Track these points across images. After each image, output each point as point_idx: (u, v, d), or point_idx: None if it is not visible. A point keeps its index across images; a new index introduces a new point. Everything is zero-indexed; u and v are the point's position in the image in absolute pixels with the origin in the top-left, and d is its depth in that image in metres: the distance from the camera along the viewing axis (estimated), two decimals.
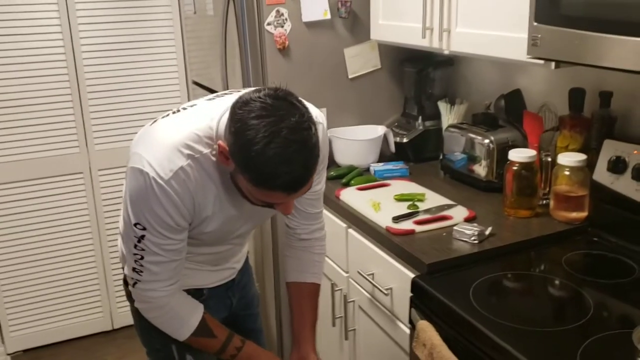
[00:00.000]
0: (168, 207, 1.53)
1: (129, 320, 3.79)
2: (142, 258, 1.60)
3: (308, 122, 1.41)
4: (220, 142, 1.47)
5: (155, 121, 1.64)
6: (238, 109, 1.40)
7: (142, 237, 1.56)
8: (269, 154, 1.36)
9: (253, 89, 1.48)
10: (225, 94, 1.68)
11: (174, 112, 1.64)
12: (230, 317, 2.02)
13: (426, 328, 1.73)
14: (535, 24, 1.75)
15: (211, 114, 1.55)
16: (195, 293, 1.85)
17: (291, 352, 1.97)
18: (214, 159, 1.55)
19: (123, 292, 3.72)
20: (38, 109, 3.42)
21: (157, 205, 1.52)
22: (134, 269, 1.63)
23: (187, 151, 1.52)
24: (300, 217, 1.89)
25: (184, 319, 1.74)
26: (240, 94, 1.60)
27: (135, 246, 1.58)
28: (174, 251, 1.62)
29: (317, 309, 2.00)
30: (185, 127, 1.55)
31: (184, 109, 1.64)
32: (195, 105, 1.65)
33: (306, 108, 1.44)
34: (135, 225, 1.56)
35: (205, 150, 1.54)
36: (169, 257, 1.62)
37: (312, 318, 1.98)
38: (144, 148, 1.54)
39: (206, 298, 1.89)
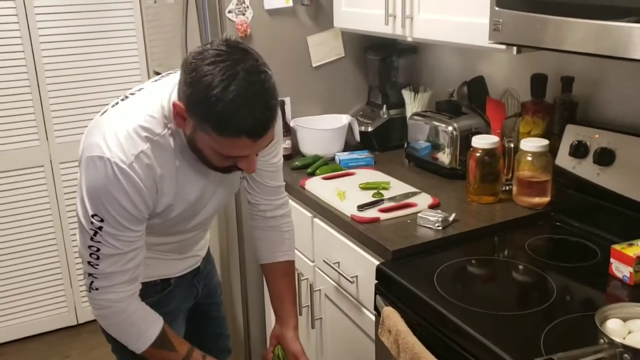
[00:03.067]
0: (131, 194, 1.49)
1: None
2: (98, 250, 1.54)
3: (263, 66, 1.41)
4: (174, 101, 1.45)
5: (105, 111, 1.61)
6: (191, 59, 1.39)
7: (100, 228, 1.51)
8: (229, 96, 1.34)
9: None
10: (170, 73, 1.66)
11: (122, 100, 1.61)
12: (195, 306, 2.02)
13: (391, 314, 1.73)
14: (496, 8, 1.74)
15: (161, 93, 1.54)
16: (163, 283, 1.85)
17: (273, 328, 1.99)
18: (171, 138, 1.53)
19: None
20: None
21: (120, 193, 1.48)
22: (89, 263, 1.56)
23: (144, 134, 1.50)
24: (260, 191, 1.87)
25: (142, 328, 1.67)
26: None
27: (92, 238, 1.53)
28: (131, 242, 1.57)
29: (295, 285, 2.01)
30: (138, 111, 1.53)
31: (132, 94, 1.62)
32: (142, 89, 1.62)
33: (259, 55, 1.43)
34: (92, 216, 1.51)
35: (163, 131, 1.52)
36: (126, 249, 1.56)
37: (291, 296, 1.98)
38: (100, 137, 1.50)
39: (173, 287, 1.89)
